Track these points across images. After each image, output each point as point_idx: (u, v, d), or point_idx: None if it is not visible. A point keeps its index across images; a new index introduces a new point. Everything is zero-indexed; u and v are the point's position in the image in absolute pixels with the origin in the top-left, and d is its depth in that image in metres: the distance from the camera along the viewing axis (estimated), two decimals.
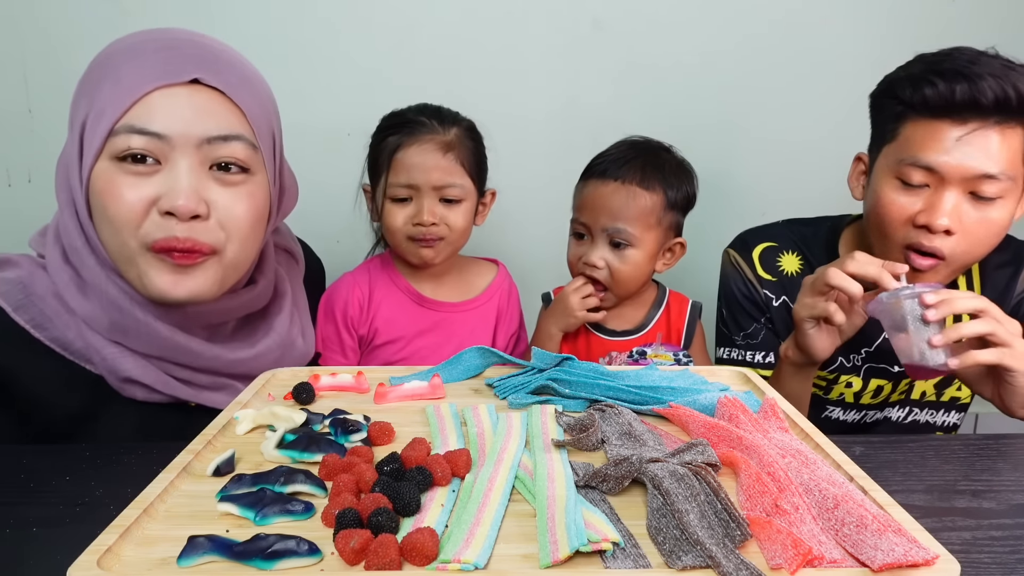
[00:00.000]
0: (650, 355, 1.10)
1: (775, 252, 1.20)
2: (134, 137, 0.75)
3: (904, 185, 1.00)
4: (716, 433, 0.64)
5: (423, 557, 0.47)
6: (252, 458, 0.64)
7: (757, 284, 1.19)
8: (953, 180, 0.96)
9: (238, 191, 0.80)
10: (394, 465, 0.59)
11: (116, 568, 0.47)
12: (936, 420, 1.20)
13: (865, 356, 1.14)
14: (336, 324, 1.20)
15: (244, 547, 0.48)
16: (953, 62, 0.96)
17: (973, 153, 0.94)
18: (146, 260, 0.78)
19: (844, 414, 1.20)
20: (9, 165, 1.53)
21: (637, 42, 1.54)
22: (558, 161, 1.49)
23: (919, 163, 0.97)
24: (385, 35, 1.51)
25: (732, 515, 0.50)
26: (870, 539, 0.48)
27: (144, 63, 0.77)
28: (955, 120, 0.95)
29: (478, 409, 0.72)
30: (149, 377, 0.83)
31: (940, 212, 0.96)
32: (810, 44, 1.55)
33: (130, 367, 0.82)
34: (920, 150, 0.98)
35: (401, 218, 1.16)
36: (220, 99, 0.79)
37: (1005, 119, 0.94)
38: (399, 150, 1.14)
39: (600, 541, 0.48)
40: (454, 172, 1.16)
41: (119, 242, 0.78)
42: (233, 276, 0.84)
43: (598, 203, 1.18)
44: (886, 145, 1.04)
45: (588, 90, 1.56)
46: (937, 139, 0.96)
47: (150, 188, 0.76)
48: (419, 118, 1.17)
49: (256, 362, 0.90)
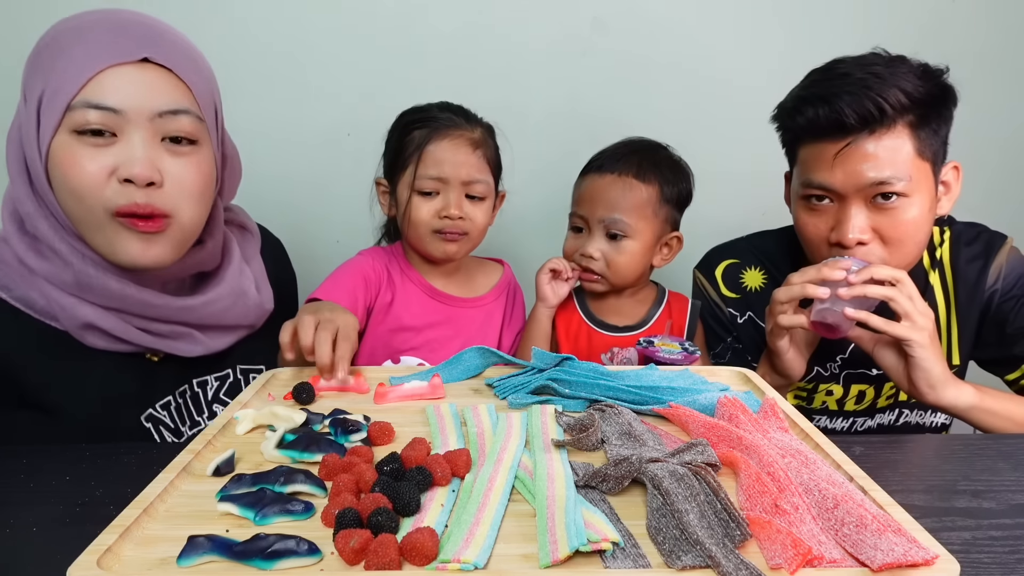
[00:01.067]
0: (658, 343, 1.10)
1: (737, 269, 1.23)
2: (91, 112, 0.81)
3: (810, 205, 1.04)
4: (716, 433, 0.64)
5: (423, 557, 0.47)
6: (252, 458, 0.64)
7: (721, 303, 1.23)
8: (849, 194, 0.99)
9: (188, 160, 0.87)
10: (394, 465, 0.59)
11: (116, 568, 0.47)
12: (925, 420, 1.20)
13: (841, 363, 1.16)
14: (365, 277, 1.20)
15: (244, 547, 0.48)
16: (816, 86, 1.01)
17: (855, 166, 0.97)
18: (113, 229, 0.84)
19: (832, 422, 1.21)
20: None
21: (637, 42, 1.54)
22: (558, 161, 1.48)
23: (813, 183, 1.01)
24: (385, 35, 1.51)
25: (732, 515, 0.50)
26: (870, 539, 0.48)
27: (97, 43, 0.83)
28: (832, 139, 0.98)
29: (478, 409, 0.72)
30: (108, 323, 0.88)
31: (847, 228, 0.99)
32: (810, 44, 1.55)
33: (88, 312, 0.87)
34: (812, 171, 1.01)
35: (427, 211, 1.16)
36: (168, 76, 0.85)
37: (875, 128, 0.96)
38: (430, 143, 1.15)
39: (600, 541, 0.48)
40: (482, 169, 1.17)
41: (84, 209, 0.83)
42: (188, 240, 0.90)
43: (596, 195, 1.21)
44: (793, 168, 1.09)
45: (588, 90, 1.56)
46: (822, 159, 1.00)
47: (108, 158, 0.82)
48: (445, 115, 1.18)
49: (208, 308, 0.95)
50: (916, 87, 0.96)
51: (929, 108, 0.97)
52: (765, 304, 1.16)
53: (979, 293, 1.11)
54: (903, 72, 0.97)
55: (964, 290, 1.11)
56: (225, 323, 0.98)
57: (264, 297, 1.04)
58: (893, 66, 0.98)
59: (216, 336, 0.97)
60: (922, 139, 0.97)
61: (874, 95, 0.94)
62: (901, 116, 0.96)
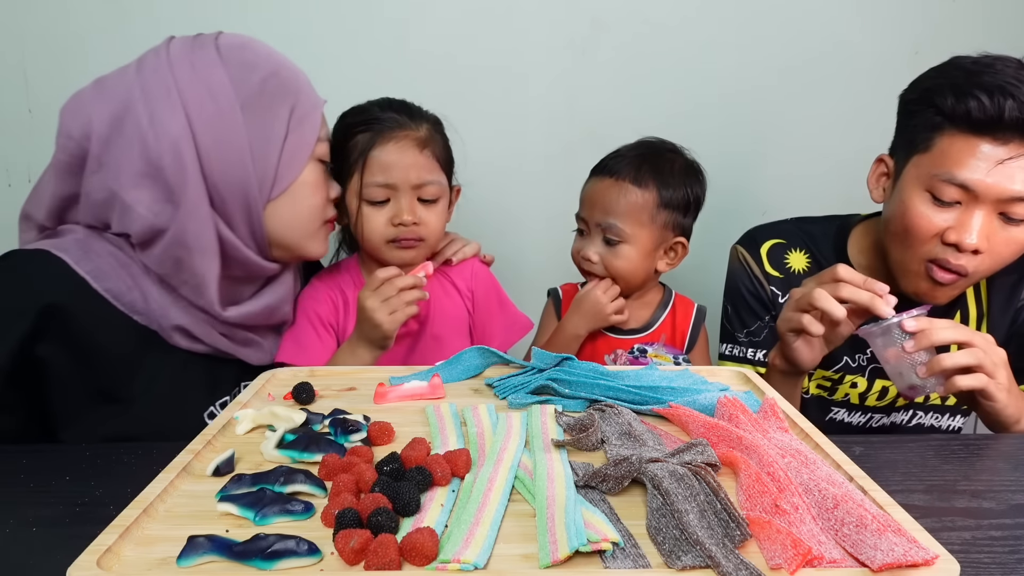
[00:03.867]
0: (650, 354, 1.09)
1: (783, 249, 1.19)
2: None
3: (935, 200, 0.97)
4: (716, 433, 0.64)
5: (423, 557, 0.47)
6: (252, 458, 0.64)
7: (764, 281, 1.18)
8: (987, 200, 0.94)
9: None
10: (394, 465, 0.59)
11: (116, 568, 0.47)
12: (941, 424, 1.20)
13: (870, 355, 1.14)
14: (312, 322, 1.12)
15: (244, 547, 0.48)
16: (997, 76, 0.92)
17: (1012, 175, 0.92)
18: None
19: (849, 416, 1.20)
20: (9, 165, 1.53)
21: (637, 42, 1.54)
22: (558, 161, 1.49)
23: (955, 180, 0.94)
24: (385, 35, 1.51)
25: (732, 515, 0.50)
26: (870, 539, 0.48)
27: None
28: (996, 139, 0.92)
29: (478, 409, 0.72)
30: (197, 327, 0.95)
31: (971, 231, 0.94)
32: (810, 44, 1.55)
33: (178, 315, 0.93)
34: (956, 166, 0.94)
35: (379, 220, 1.10)
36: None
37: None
38: (373, 147, 1.07)
39: (600, 541, 0.48)
40: (431, 169, 1.11)
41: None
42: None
43: (594, 198, 1.20)
44: (917, 154, 1.00)
45: (588, 90, 1.56)
46: (976, 157, 0.93)
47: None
48: (388, 114, 1.10)
49: (279, 310, 1.06)
50: None
51: None
52: None
53: (1011, 305, 1.09)
54: None
55: (997, 303, 1.09)
56: (272, 322, 1.06)
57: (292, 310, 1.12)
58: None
59: (272, 340, 1.06)
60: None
61: None
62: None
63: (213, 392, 0.98)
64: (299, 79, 0.98)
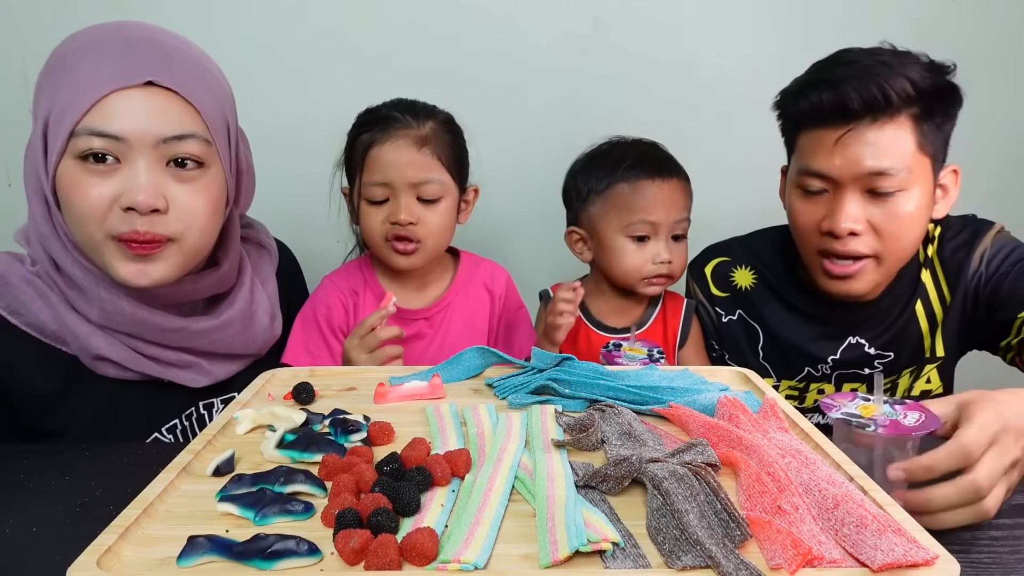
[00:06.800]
0: (624, 348, 1.09)
1: (727, 267, 1.23)
2: (94, 139, 0.80)
3: (805, 193, 1.03)
4: (716, 433, 0.64)
5: (423, 557, 0.47)
6: (252, 458, 0.64)
7: (707, 303, 1.23)
8: (846, 182, 0.98)
9: (194, 185, 0.85)
10: (394, 465, 0.59)
11: (116, 568, 0.47)
12: None
13: (832, 364, 1.16)
14: (321, 330, 1.12)
15: (244, 547, 0.48)
16: (823, 71, 1.01)
17: (855, 153, 0.96)
18: (110, 250, 0.83)
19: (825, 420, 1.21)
20: (9, 165, 1.53)
21: (637, 42, 1.54)
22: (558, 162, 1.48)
23: (811, 170, 1.01)
24: (385, 35, 1.51)
25: (732, 515, 0.50)
26: (870, 539, 0.48)
27: (100, 64, 0.81)
28: (834, 125, 0.97)
29: (478, 409, 0.72)
30: (119, 355, 0.88)
31: (840, 216, 0.98)
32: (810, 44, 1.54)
33: (100, 344, 0.87)
34: (810, 158, 1.01)
35: (378, 219, 1.10)
36: (174, 99, 0.83)
37: (879, 116, 0.95)
38: (372, 147, 1.08)
39: (600, 541, 0.48)
40: (431, 167, 1.09)
41: (85, 234, 0.83)
42: (194, 260, 0.89)
43: (658, 201, 1.17)
44: (791, 156, 1.09)
45: (588, 90, 1.56)
46: (822, 145, 0.99)
47: (111, 186, 0.81)
48: (392, 113, 1.10)
49: (219, 334, 0.94)
50: (923, 78, 0.95)
51: (934, 102, 0.96)
52: (755, 303, 1.16)
53: (963, 277, 1.10)
54: (911, 63, 0.96)
55: (951, 279, 1.11)
56: (233, 351, 0.97)
57: (275, 326, 1.03)
58: (901, 57, 0.97)
59: (222, 365, 0.96)
60: (924, 133, 0.96)
61: (880, 81, 0.94)
62: (905, 106, 0.95)
63: (157, 417, 0.93)
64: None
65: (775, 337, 1.18)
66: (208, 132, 0.85)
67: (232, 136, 0.92)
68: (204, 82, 0.86)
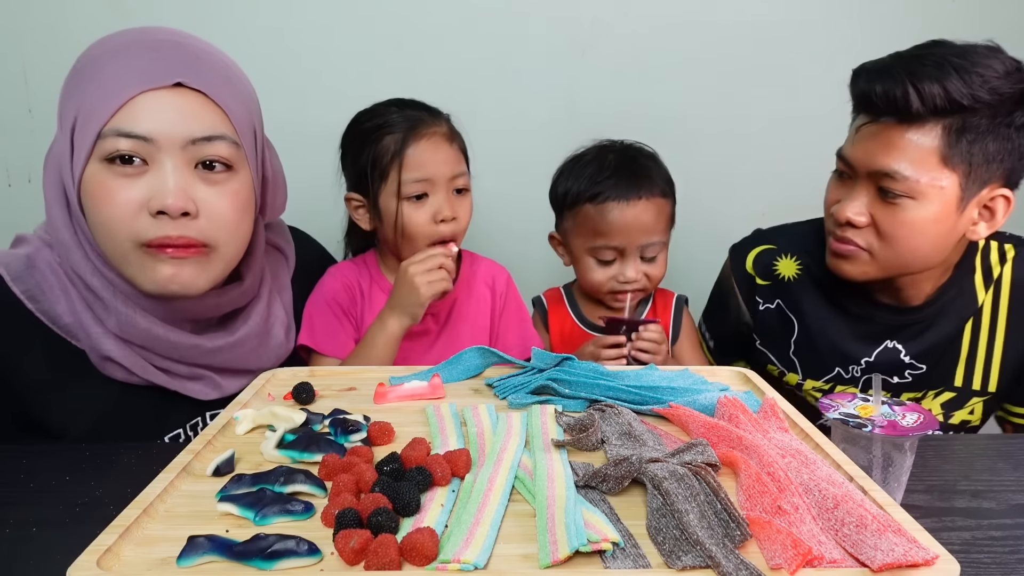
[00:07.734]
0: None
1: (771, 255, 1.19)
2: (121, 140, 0.78)
3: (838, 173, 1.05)
4: (716, 433, 0.64)
5: (423, 557, 0.47)
6: (252, 458, 0.64)
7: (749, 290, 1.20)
8: (860, 173, 0.99)
9: (223, 189, 0.84)
10: (394, 465, 0.59)
11: (116, 568, 0.47)
12: None
13: (864, 366, 1.13)
14: (335, 313, 1.13)
15: (244, 547, 0.48)
16: (885, 58, 0.98)
17: (871, 147, 0.97)
18: (138, 257, 0.82)
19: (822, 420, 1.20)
20: (9, 165, 1.53)
21: (637, 42, 1.54)
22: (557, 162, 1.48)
23: (840, 151, 1.03)
24: (384, 35, 1.51)
25: (732, 515, 0.50)
26: (870, 539, 0.48)
27: (128, 66, 0.80)
28: (866, 114, 0.99)
29: (478, 409, 0.72)
30: (128, 360, 0.87)
31: (846, 203, 1.00)
32: (811, 44, 1.55)
33: (111, 347, 0.86)
34: (846, 141, 1.03)
35: (422, 218, 1.10)
36: (203, 100, 0.82)
37: (906, 119, 0.93)
38: (408, 146, 1.09)
39: (600, 541, 0.48)
40: (460, 160, 1.14)
41: (114, 242, 0.81)
42: (225, 270, 0.88)
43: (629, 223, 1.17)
44: None
45: (588, 91, 1.56)
46: (855, 132, 1.01)
47: (139, 189, 0.80)
48: (410, 112, 1.12)
49: (233, 351, 0.93)
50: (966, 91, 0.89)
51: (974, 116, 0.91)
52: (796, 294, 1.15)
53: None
54: (977, 70, 0.89)
55: (1016, 306, 1.06)
56: (246, 367, 0.95)
57: (289, 338, 1.02)
58: (970, 59, 0.91)
59: (233, 379, 0.95)
60: (954, 146, 0.92)
61: (912, 82, 0.92)
62: (935, 115, 0.92)
63: (162, 426, 0.92)
64: None
65: (811, 332, 1.15)
66: (236, 135, 0.84)
67: (259, 142, 0.91)
68: (232, 86, 0.86)
